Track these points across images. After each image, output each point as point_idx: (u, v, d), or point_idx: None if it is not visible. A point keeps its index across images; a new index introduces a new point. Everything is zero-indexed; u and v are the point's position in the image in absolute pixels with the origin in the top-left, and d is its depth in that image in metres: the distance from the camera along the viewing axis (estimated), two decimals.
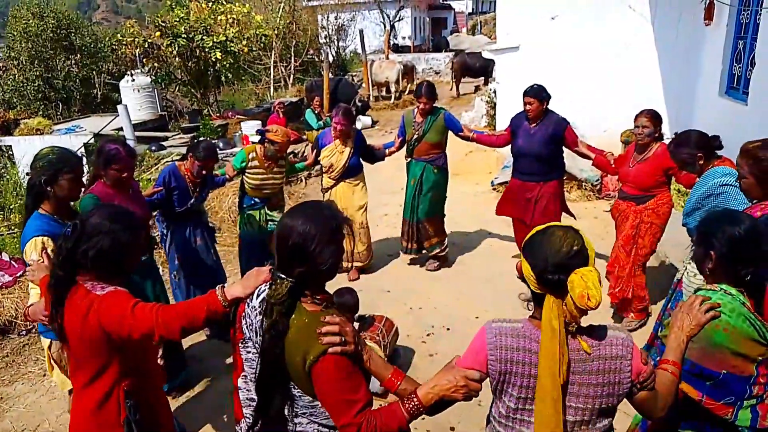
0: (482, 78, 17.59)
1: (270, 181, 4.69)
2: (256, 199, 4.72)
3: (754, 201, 2.56)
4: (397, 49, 25.62)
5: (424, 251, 5.59)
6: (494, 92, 10.60)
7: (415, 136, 5.24)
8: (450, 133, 5.29)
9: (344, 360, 1.59)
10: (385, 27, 24.25)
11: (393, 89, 16.82)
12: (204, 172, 4.09)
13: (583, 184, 7.59)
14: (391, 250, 6.11)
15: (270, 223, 4.81)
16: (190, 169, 4.09)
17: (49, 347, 2.86)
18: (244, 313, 1.78)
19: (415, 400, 1.61)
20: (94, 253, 1.93)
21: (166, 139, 11.54)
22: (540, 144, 4.68)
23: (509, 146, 5.03)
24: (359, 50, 16.62)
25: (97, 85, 18.14)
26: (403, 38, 29.05)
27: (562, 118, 4.77)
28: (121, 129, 11.44)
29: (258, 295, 1.75)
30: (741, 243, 1.88)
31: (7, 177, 9.27)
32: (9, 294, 4.89)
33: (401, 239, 5.65)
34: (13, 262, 5.22)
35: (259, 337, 1.68)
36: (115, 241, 1.95)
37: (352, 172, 5.26)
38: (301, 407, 1.70)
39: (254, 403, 1.75)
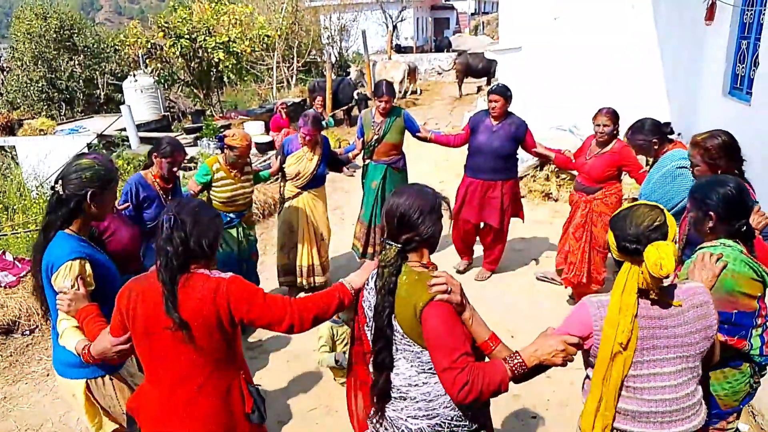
0: (485, 78, 17.59)
1: (241, 191, 4.39)
2: (231, 215, 4.41)
3: None
4: (400, 49, 25.64)
5: (372, 255, 5.34)
6: None
7: (375, 137, 5.09)
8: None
9: (449, 308, 1.78)
10: (387, 27, 24.26)
11: (398, 89, 16.83)
12: (175, 169, 3.78)
13: None
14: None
15: (248, 238, 4.55)
16: (158, 174, 3.76)
17: (88, 389, 2.37)
18: (363, 299, 2.02)
19: (519, 358, 1.77)
20: (210, 241, 1.94)
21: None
22: (501, 140, 4.81)
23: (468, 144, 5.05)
24: (362, 51, 16.62)
25: (100, 86, 18.19)
26: (406, 39, 29.06)
27: (523, 120, 4.92)
28: (124, 129, 11.49)
29: (372, 278, 1.98)
30: (734, 200, 2.16)
31: (11, 177, 9.30)
32: (13, 294, 4.91)
33: (358, 244, 5.38)
34: (16, 262, 5.23)
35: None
36: (219, 227, 2.01)
37: (318, 181, 4.94)
38: (407, 356, 1.87)
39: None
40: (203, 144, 10.53)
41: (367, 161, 5.28)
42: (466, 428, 1.90)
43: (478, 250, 5.58)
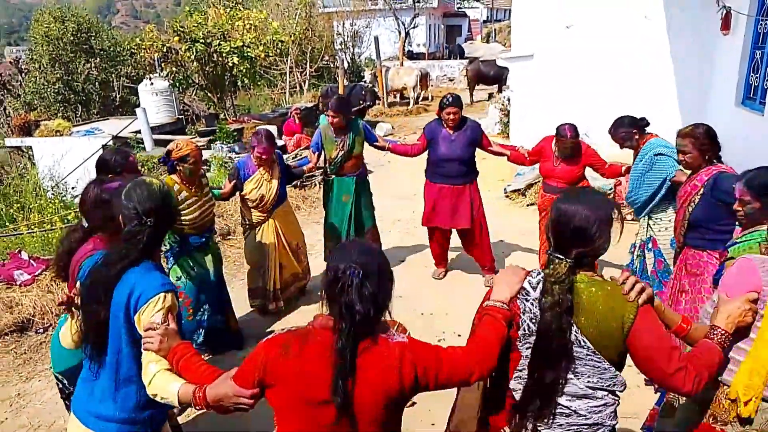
0: (496, 86, 17.60)
1: (206, 206, 4.04)
2: (206, 235, 4.11)
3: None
4: (412, 56, 25.72)
5: None
6: (508, 100, 10.62)
7: (341, 153, 5.01)
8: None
9: (652, 311, 1.74)
10: (400, 34, 24.36)
11: (412, 95, 16.88)
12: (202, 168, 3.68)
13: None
14: (402, 255, 6.14)
15: (215, 255, 4.25)
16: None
17: None
18: (521, 310, 1.83)
19: (720, 330, 1.82)
20: (386, 294, 1.66)
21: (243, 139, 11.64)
22: (462, 148, 4.98)
23: (435, 153, 5.07)
24: (374, 57, 16.70)
25: (115, 89, 18.41)
26: (418, 45, 29.15)
27: (476, 122, 5.14)
28: (139, 132, 11.61)
29: (534, 288, 1.82)
30: None
31: (27, 177, 9.43)
32: (27, 292, 4.98)
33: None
34: (32, 261, 5.32)
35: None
36: (391, 281, 1.71)
37: (281, 198, 4.74)
38: (587, 370, 1.77)
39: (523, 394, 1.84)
40: (217, 147, 10.62)
41: (333, 177, 5.16)
42: None
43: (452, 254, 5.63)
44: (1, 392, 4.04)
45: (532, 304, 1.80)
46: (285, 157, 7.20)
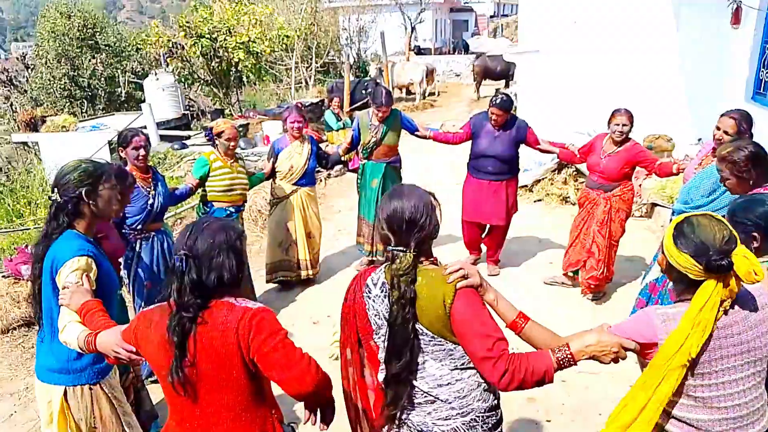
0: (503, 81, 17.53)
1: (238, 180, 4.46)
2: (231, 209, 4.45)
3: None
4: (419, 51, 25.63)
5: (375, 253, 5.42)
6: (515, 95, 10.57)
7: (373, 140, 5.18)
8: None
9: (475, 295, 1.79)
10: (406, 29, 24.27)
11: (418, 90, 16.84)
12: (141, 154, 3.64)
13: None
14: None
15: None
16: (133, 164, 3.66)
17: (65, 397, 2.33)
18: (367, 308, 1.93)
19: (567, 351, 1.73)
20: (231, 269, 1.76)
21: (188, 137, 11.70)
22: (503, 147, 4.96)
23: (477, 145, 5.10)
24: (380, 52, 16.66)
25: (121, 84, 18.45)
26: (424, 40, 29.05)
27: (524, 120, 5.09)
28: (144, 127, 11.63)
29: (375, 284, 1.90)
30: None
31: (34, 173, 9.46)
32: None
33: (363, 243, 5.45)
34: None
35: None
36: (240, 254, 1.80)
37: (310, 178, 5.11)
38: (437, 356, 1.83)
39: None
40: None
41: (364, 161, 5.36)
42: (495, 418, 1.92)
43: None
44: (9, 386, 4.06)
45: (374, 301, 1.89)
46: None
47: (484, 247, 5.66)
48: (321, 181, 8.65)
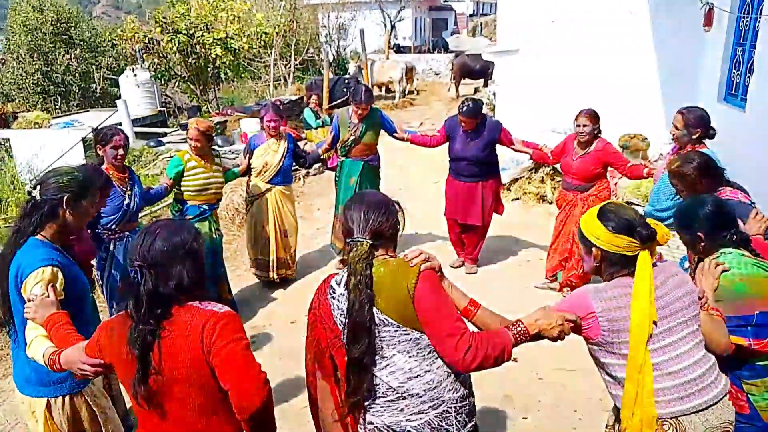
0: (482, 80, 17.61)
1: (213, 179, 4.44)
2: (204, 207, 4.43)
3: None
4: (398, 49, 25.62)
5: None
6: (493, 94, 10.62)
7: (352, 138, 5.19)
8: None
9: (436, 278, 1.88)
10: (385, 27, 24.25)
11: (398, 88, 16.82)
12: (120, 153, 3.61)
13: None
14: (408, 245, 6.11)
15: (217, 233, 4.56)
16: (110, 164, 3.62)
17: (48, 408, 2.29)
18: (332, 309, 1.95)
19: (522, 326, 1.85)
20: (189, 273, 1.72)
21: (165, 135, 11.53)
22: (476, 150, 5.04)
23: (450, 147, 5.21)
24: (359, 50, 16.63)
25: (96, 80, 18.11)
26: (404, 38, 29.04)
27: (496, 121, 5.22)
28: (120, 124, 11.43)
29: (339, 284, 1.94)
30: (714, 216, 2.31)
31: (5, 170, 9.25)
32: None
33: (337, 242, 5.45)
34: None
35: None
36: (198, 256, 1.77)
37: (285, 176, 5.08)
38: (405, 347, 1.86)
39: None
40: None
41: (342, 159, 5.35)
42: (468, 407, 1.95)
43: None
44: None
45: (339, 300, 1.92)
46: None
47: None
48: (299, 179, 8.62)
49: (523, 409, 3.58)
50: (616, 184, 7.02)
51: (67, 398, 2.29)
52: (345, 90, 13.16)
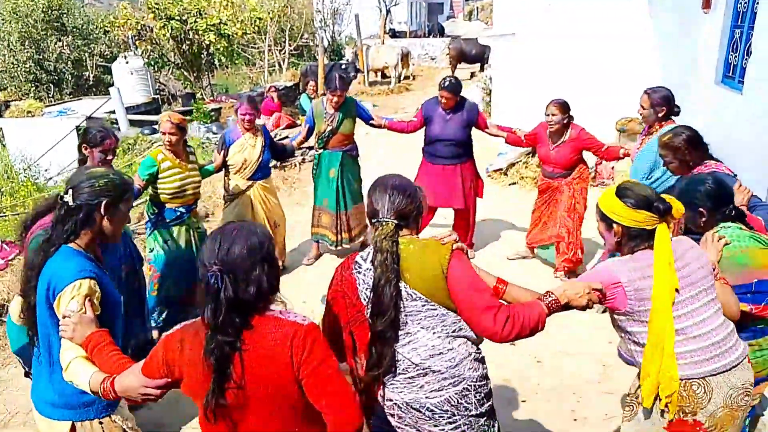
0: (478, 64, 17.51)
1: (190, 179, 4.15)
2: (181, 209, 4.15)
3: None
4: (393, 34, 25.41)
5: (353, 241, 5.40)
6: (490, 79, 10.56)
7: (330, 128, 5.06)
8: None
9: (466, 255, 1.96)
10: (381, 12, 24.05)
11: (393, 74, 16.71)
12: (109, 158, 3.39)
13: None
14: None
15: (197, 232, 4.31)
16: (97, 167, 3.21)
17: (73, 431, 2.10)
18: (358, 283, 1.98)
19: (553, 296, 1.95)
20: (269, 278, 1.63)
21: (158, 122, 11.45)
22: (456, 129, 5.01)
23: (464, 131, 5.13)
24: (354, 35, 16.48)
25: (89, 68, 17.93)
26: (399, 23, 28.80)
27: (474, 103, 5.18)
28: (113, 112, 11.36)
29: (365, 260, 1.98)
30: (715, 193, 2.45)
31: None
32: (1, 277, 4.86)
33: (329, 234, 5.33)
34: (4, 245, 5.18)
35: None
36: (275, 260, 1.69)
37: (265, 170, 4.90)
38: (430, 323, 1.91)
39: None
40: (194, 127, 10.42)
41: (320, 150, 5.21)
42: (486, 388, 1.99)
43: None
44: None
45: (365, 275, 1.97)
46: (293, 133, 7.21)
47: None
48: (295, 166, 8.57)
49: (522, 393, 3.59)
50: (612, 168, 7.02)
51: (95, 422, 2.12)
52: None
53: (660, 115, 3.86)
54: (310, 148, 8.66)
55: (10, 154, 9.58)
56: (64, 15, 17.42)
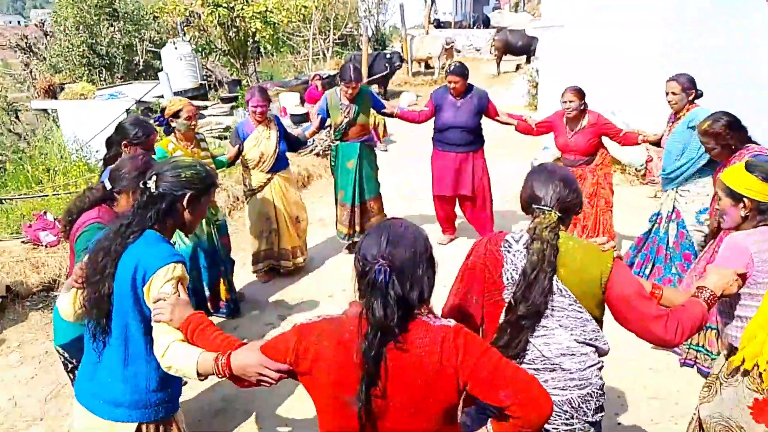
0: (524, 56, 17.20)
1: None
2: None
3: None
4: (438, 24, 25.19)
5: (351, 236, 5.28)
6: (536, 71, 10.35)
7: (346, 120, 4.97)
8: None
9: (626, 265, 1.95)
10: (425, 2, 23.84)
11: (437, 65, 16.58)
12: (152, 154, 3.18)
13: (627, 168, 7.38)
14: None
15: (217, 224, 4.22)
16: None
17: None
18: (505, 261, 1.93)
19: (708, 291, 1.96)
20: (430, 281, 1.54)
21: (205, 108, 11.66)
22: (467, 116, 5.01)
23: (443, 120, 5.10)
24: (399, 25, 16.39)
25: (139, 53, 18.38)
26: (444, 14, 28.51)
27: (483, 90, 5.18)
28: (161, 96, 11.61)
29: (517, 241, 1.93)
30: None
31: (52, 140, 9.50)
32: (53, 253, 5.04)
33: (342, 227, 5.28)
34: (57, 222, 5.36)
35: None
36: (435, 264, 1.58)
37: (283, 161, 4.77)
38: (569, 323, 1.89)
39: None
40: (239, 114, 10.57)
41: (337, 142, 5.15)
42: (602, 400, 1.95)
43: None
44: (30, 349, 4.13)
45: (515, 256, 1.91)
46: (305, 125, 7.13)
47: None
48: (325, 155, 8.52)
49: None
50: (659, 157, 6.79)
51: (160, 424, 2.01)
52: (385, 65, 13.04)
53: (691, 98, 3.96)
54: (305, 145, 8.54)
55: (63, 134, 9.90)
56: (117, 1, 17.88)
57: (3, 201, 6.23)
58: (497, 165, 5.99)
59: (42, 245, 5.08)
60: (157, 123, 3.52)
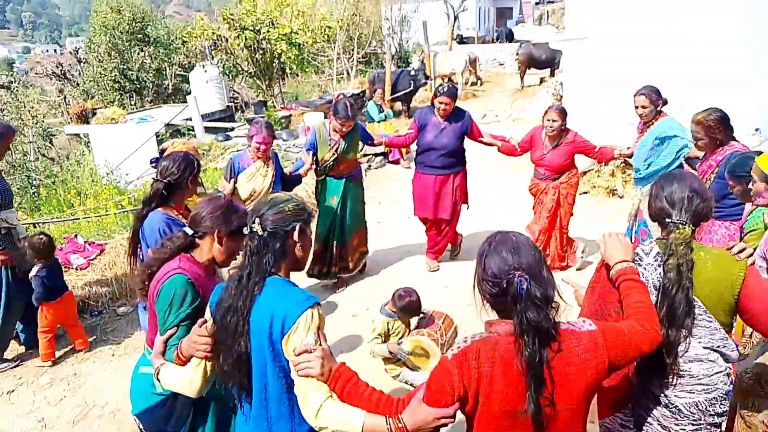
0: (548, 70, 17.10)
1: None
2: None
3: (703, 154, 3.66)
4: (461, 40, 25.27)
5: (352, 271, 5.12)
6: (560, 84, 10.27)
7: (334, 156, 4.77)
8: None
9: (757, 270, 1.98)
10: (448, 18, 23.96)
11: (460, 80, 16.59)
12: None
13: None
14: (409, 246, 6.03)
15: None
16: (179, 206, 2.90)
17: None
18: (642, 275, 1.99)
19: None
20: (553, 280, 1.60)
21: (232, 129, 11.87)
22: (450, 138, 4.94)
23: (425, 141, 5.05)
24: (422, 42, 16.48)
25: (168, 76, 18.87)
26: (467, 29, 28.61)
27: (467, 112, 5.13)
28: (190, 119, 11.86)
29: (648, 254, 1.97)
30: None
31: (84, 164, 9.76)
32: (83, 276, 5.15)
33: (312, 266, 5.03)
34: (87, 246, 5.48)
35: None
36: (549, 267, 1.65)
37: None
38: (699, 332, 1.90)
39: None
40: None
41: (322, 177, 4.95)
42: (727, 405, 1.96)
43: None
44: (59, 371, 4.20)
45: (645, 269, 1.95)
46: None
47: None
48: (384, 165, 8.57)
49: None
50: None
51: None
52: (409, 82, 13.09)
53: (659, 108, 4.36)
54: (377, 154, 8.61)
55: (95, 158, 10.17)
56: (147, 27, 18.46)
57: (36, 225, 6.41)
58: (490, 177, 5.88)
59: (72, 268, 5.20)
60: (152, 163, 3.30)
